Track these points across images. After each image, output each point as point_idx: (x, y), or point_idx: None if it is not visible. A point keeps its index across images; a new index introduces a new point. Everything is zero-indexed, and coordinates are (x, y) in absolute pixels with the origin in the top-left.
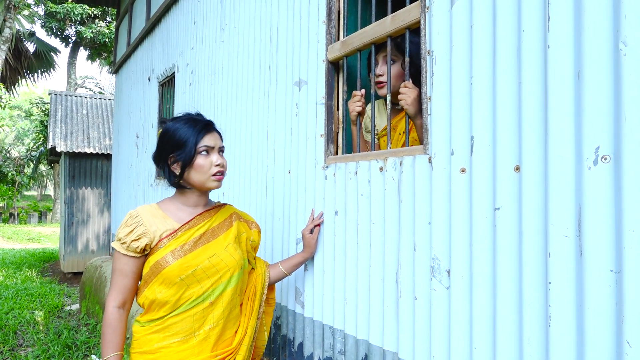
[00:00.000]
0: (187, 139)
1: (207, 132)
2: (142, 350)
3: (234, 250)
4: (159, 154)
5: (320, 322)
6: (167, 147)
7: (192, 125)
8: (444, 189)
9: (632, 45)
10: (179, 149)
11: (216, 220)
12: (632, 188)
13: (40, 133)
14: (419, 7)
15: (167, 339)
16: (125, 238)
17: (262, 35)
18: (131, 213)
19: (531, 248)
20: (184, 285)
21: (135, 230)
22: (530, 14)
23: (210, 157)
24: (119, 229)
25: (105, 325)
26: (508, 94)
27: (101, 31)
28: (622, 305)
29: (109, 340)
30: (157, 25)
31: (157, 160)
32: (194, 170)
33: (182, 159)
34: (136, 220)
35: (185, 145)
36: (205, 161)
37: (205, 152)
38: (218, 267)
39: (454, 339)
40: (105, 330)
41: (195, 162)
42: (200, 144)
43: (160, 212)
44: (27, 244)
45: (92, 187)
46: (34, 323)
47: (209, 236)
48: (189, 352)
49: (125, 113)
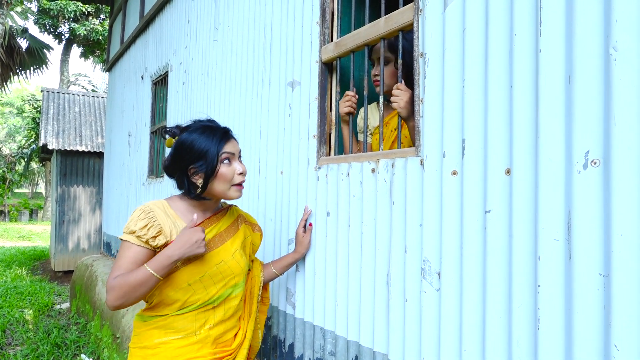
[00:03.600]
0: (208, 149)
1: (227, 139)
2: (142, 345)
3: (240, 257)
4: (175, 166)
5: (311, 323)
6: (185, 159)
7: (210, 134)
8: (435, 191)
9: (622, 50)
10: (200, 159)
11: (224, 225)
12: (621, 192)
13: (32, 130)
14: (413, 9)
15: (168, 335)
16: (141, 232)
17: (256, 35)
18: (143, 208)
19: (521, 251)
20: (191, 290)
21: (151, 226)
22: (522, 18)
23: (232, 165)
24: (129, 223)
25: (120, 286)
26: (499, 97)
27: (95, 29)
28: (610, 308)
29: (134, 275)
30: (151, 23)
31: (172, 172)
32: (216, 181)
33: (204, 170)
34: (150, 216)
35: (207, 155)
36: (228, 170)
37: (228, 160)
38: (225, 274)
39: (443, 341)
40: (123, 283)
41: (220, 172)
42: (222, 152)
43: (172, 211)
44: (17, 242)
45: (83, 185)
46: (24, 322)
47: (217, 241)
48: (189, 348)
49: (118, 111)
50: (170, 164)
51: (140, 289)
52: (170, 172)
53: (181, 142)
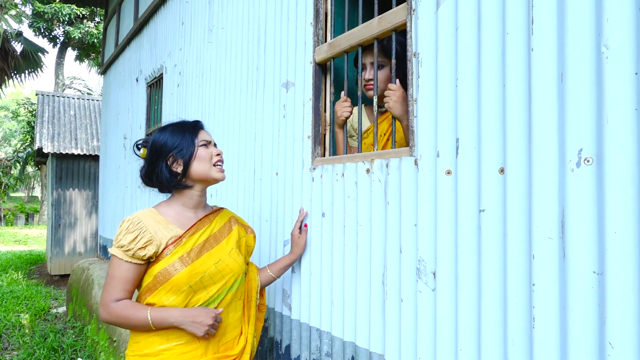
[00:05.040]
0: (184, 136)
1: (201, 129)
2: (143, 353)
3: (237, 255)
4: (153, 164)
5: (307, 324)
6: (162, 152)
7: (182, 127)
8: (429, 190)
9: (614, 48)
10: (176, 147)
11: (217, 226)
12: (614, 190)
13: (27, 134)
14: (405, 9)
15: (171, 341)
16: (130, 245)
17: (250, 36)
18: (131, 219)
19: (515, 250)
20: (192, 292)
21: (140, 237)
22: (514, 17)
23: (209, 148)
24: (118, 235)
25: (117, 315)
26: (493, 96)
27: (89, 32)
28: (605, 306)
29: (133, 312)
30: (145, 26)
31: (150, 174)
32: (196, 162)
33: (182, 154)
34: (139, 227)
35: (183, 141)
36: (206, 151)
37: (204, 145)
38: (224, 272)
39: (439, 341)
40: (120, 315)
41: (197, 153)
42: (198, 138)
43: (161, 217)
44: (13, 246)
45: (79, 188)
46: (20, 326)
47: (212, 242)
48: (193, 353)
49: (113, 114)
50: (148, 166)
51: (131, 325)
52: (148, 175)
53: (154, 142)
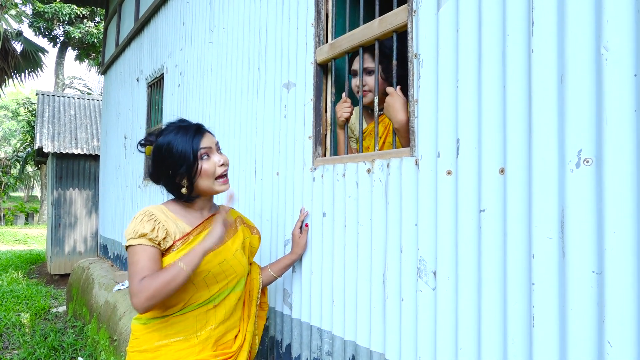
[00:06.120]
0: (185, 150)
1: (201, 134)
2: (142, 348)
3: (241, 256)
4: (159, 172)
5: (308, 324)
6: (166, 164)
7: (184, 132)
8: (430, 190)
9: (613, 50)
10: (180, 164)
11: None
12: (614, 190)
13: (28, 134)
14: (406, 10)
15: (169, 337)
16: (152, 234)
17: (251, 37)
18: (145, 212)
19: (515, 249)
20: (194, 289)
21: (158, 228)
22: (515, 18)
23: (211, 158)
24: (136, 227)
25: (147, 285)
26: (493, 97)
27: (89, 31)
28: (604, 305)
29: (165, 273)
30: (146, 26)
31: (157, 179)
32: (200, 178)
33: (187, 172)
34: (154, 219)
35: (185, 157)
36: (209, 165)
37: (206, 155)
38: (227, 272)
39: (440, 340)
40: (152, 282)
41: (201, 169)
42: (199, 149)
43: (170, 213)
44: (13, 246)
45: (79, 188)
46: (20, 325)
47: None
48: (190, 350)
49: (114, 114)
50: (154, 170)
51: (171, 284)
52: (155, 179)
53: (158, 147)
